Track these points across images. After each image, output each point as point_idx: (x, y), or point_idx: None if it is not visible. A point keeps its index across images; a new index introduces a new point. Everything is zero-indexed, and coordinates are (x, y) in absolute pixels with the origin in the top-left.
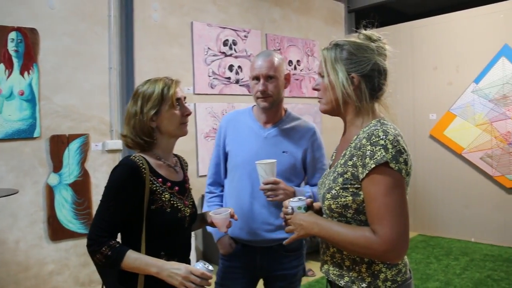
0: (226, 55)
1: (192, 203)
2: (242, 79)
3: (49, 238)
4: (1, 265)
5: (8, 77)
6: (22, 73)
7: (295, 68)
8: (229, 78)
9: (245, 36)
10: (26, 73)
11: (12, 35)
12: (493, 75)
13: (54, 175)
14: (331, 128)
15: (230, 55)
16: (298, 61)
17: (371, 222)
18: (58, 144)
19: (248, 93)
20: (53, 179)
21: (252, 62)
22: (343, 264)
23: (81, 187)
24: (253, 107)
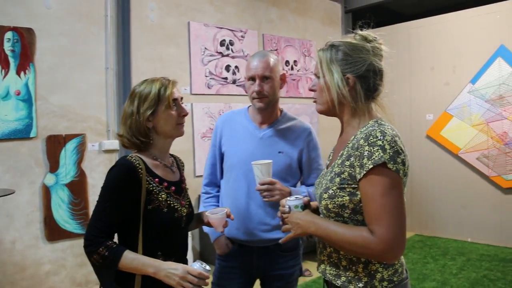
0: (223, 55)
1: (189, 203)
2: (239, 79)
3: (46, 239)
4: None
5: (4, 77)
6: (19, 73)
7: (292, 69)
8: (226, 78)
9: (242, 36)
10: (23, 73)
11: (9, 35)
12: (490, 76)
13: (51, 175)
14: (328, 128)
15: (227, 55)
16: (295, 61)
17: (369, 222)
18: (55, 144)
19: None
20: (50, 179)
21: (248, 63)
22: (340, 264)
23: (78, 187)
24: (249, 108)
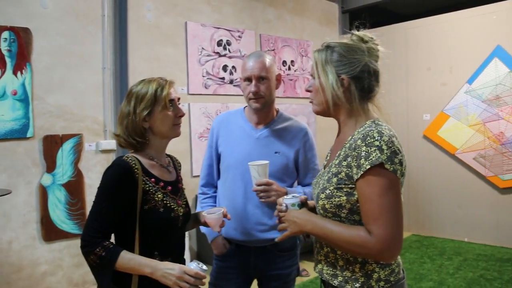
0: (220, 55)
1: (186, 203)
2: (236, 80)
3: (42, 239)
4: None
5: (1, 77)
6: (15, 73)
7: (289, 69)
8: (223, 78)
9: (239, 37)
10: (19, 73)
11: (5, 35)
12: (486, 76)
13: (48, 175)
14: (326, 128)
15: (224, 55)
16: (292, 62)
17: (366, 222)
18: (52, 144)
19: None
20: (47, 179)
21: (243, 64)
22: (337, 264)
23: (75, 188)
24: (245, 108)
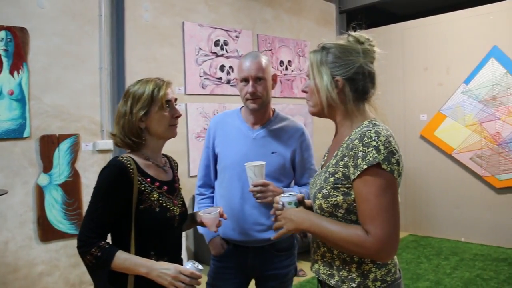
0: (217, 55)
1: (182, 203)
2: (233, 80)
3: (39, 239)
4: None
5: None
6: (12, 73)
7: (286, 69)
8: (220, 79)
9: (237, 37)
10: (16, 73)
11: (2, 34)
12: (483, 76)
13: (44, 176)
14: (323, 128)
15: (222, 56)
16: (290, 62)
17: (363, 222)
18: (48, 144)
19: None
20: (43, 180)
21: (239, 64)
22: (333, 264)
23: (72, 188)
24: (241, 109)
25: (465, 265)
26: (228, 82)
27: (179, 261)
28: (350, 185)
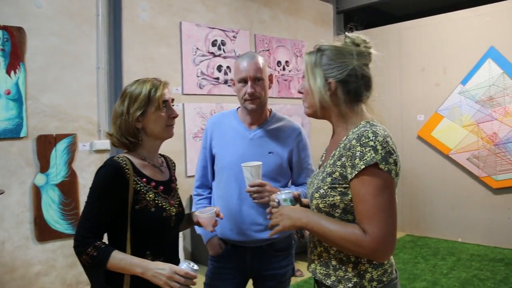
0: (215, 56)
1: (179, 203)
2: (231, 80)
3: (36, 239)
4: None
5: None
6: (9, 72)
7: (284, 69)
8: (218, 79)
9: (234, 37)
10: (13, 72)
11: None
12: (480, 77)
13: (41, 175)
14: (320, 129)
15: (219, 56)
16: (287, 62)
17: (360, 222)
18: (45, 144)
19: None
20: (40, 179)
21: (236, 65)
22: (330, 264)
23: (69, 188)
24: (238, 109)
25: (462, 265)
26: (226, 82)
27: (176, 261)
28: (348, 185)
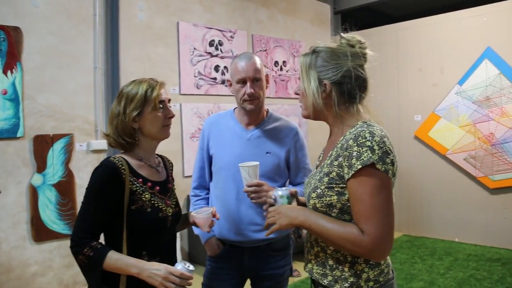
0: (212, 56)
1: (175, 203)
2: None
3: (33, 239)
4: None
5: None
6: (5, 72)
7: (281, 69)
8: (215, 79)
9: (231, 37)
10: (9, 72)
11: None
12: (477, 77)
13: (38, 176)
14: (317, 129)
15: (216, 56)
16: (284, 62)
17: (357, 222)
18: (42, 144)
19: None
20: (37, 180)
21: (234, 66)
22: (327, 263)
23: (65, 188)
24: (235, 110)
25: (459, 265)
26: (223, 83)
27: (173, 261)
28: (344, 185)
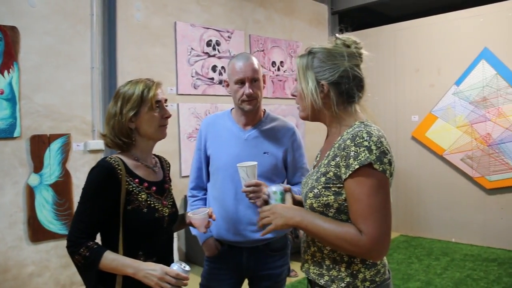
0: (210, 56)
1: (172, 203)
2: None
3: (29, 239)
4: None
5: None
6: (2, 72)
7: (279, 69)
8: (212, 79)
9: (229, 37)
10: (6, 72)
11: None
12: (474, 78)
13: (35, 176)
14: (315, 129)
15: (214, 56)
16: (282, 62)
17: (355, 222)
18: (39, 144)
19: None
20: (34, 180)
21: (232, 66)
22: (323, 263)
23: (62, 188)
24: (232, 110)
25: (456, 266)
26: (220, 83)
27: (170, 262)
28: (342, 185)
